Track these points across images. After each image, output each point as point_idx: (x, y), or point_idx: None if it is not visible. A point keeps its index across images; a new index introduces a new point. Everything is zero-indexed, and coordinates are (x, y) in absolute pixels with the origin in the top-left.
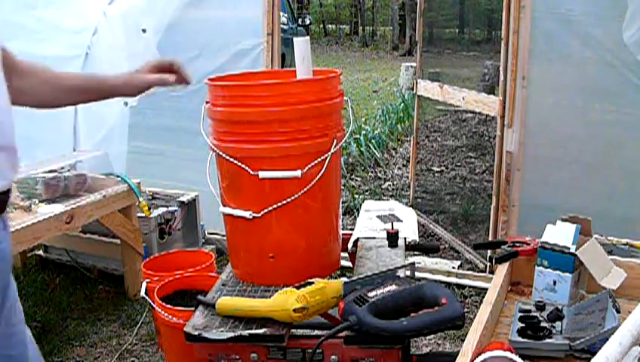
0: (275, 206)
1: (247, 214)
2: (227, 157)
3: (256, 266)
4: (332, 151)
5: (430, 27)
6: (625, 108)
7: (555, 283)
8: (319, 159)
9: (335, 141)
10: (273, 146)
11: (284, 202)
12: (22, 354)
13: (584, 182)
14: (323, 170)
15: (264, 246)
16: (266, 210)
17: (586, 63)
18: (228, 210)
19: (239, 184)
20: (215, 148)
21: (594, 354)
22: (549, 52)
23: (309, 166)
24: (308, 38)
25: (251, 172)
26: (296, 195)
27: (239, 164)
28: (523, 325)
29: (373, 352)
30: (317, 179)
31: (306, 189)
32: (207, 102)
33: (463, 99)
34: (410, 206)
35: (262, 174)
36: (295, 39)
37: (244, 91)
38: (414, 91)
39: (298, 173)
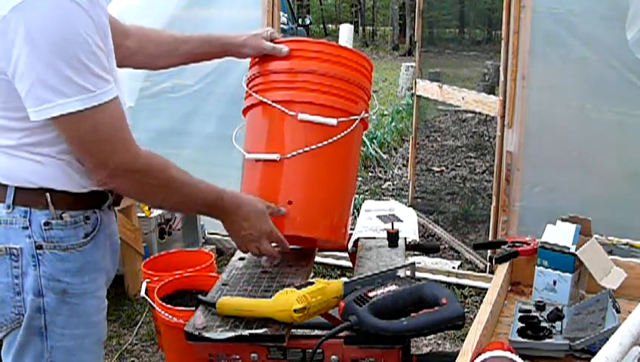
0: (304, 149)
1: (275, 156)
2: (268, 101)
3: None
4: (361, 116)
5: (430, 27)
6: (625, 108)
7: (555, 283)
8: (351, 117)
9: (364, 112)
10: (314, 94)
11: (314, 147)
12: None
13: (584, 182)
14: (353, 127)
15: (285, 189)
16: (294, 152)
17: (586, 63)
18: (254, 156)
19: (273, 129)
20: (257, 95)
21: (594, 354)
22: (549, 52)
23: (343, 119)
24: (352, 26)
25: (290, 113)
26: (326, 141)
27: (279, 106)
28: (523, 325)
29: (373, 352)
30: (347, 131)
31: (336, 138)
32: (254, 63)
33: (463, 99)
34: (409, 206)
35: (300, 116)
36: (341, 25)
37: (301, 45)
38: (413, 91)
39: (334, 121)
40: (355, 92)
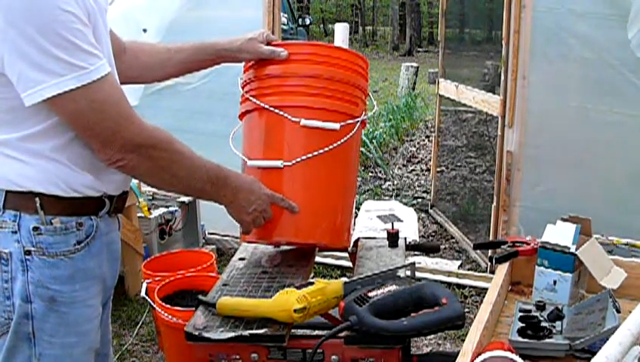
0: (307, 155)
1: (278, 163)
2: (269, 107)
3: (277, 220)
4: (362, 118)
5: (431, 26)
6: (625, 109)
7: (555, 283)
8: (352, 121)
9: (364, 113)
10: (314, 98)
11: (317, 153)
12: (110, 354)
13: (584, 182)
14: (355, 130)
15: (288, 197)
16: (297, 159)
17: (586, 63)
18: (257, 163)
19: (274, 135)
20: (256, 101)
21: (594, 353)
22: (549, 51)
23: (344, 123)
24: (347, 25)
25: (292, 119)
26: (330, 146)
27: (280, 112)
28: (523, 325)
29: (373, 352)
30: (350, 135)
31: (339, 143)
32: (249, 66)
33: (473, 98)
34: (431, 206)
35: (303, 122)
36: (336, 24)
37: (297, 48)
38: (437, 90)
39: (337, 125)
40: (355, 93)
